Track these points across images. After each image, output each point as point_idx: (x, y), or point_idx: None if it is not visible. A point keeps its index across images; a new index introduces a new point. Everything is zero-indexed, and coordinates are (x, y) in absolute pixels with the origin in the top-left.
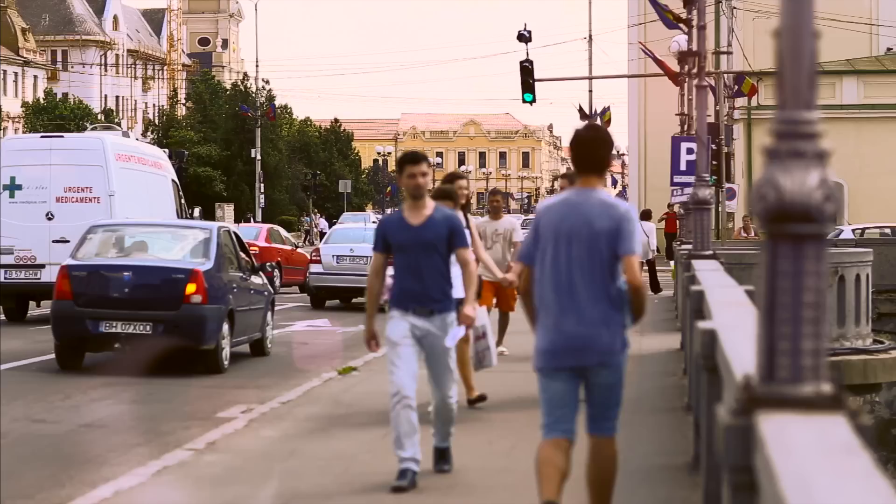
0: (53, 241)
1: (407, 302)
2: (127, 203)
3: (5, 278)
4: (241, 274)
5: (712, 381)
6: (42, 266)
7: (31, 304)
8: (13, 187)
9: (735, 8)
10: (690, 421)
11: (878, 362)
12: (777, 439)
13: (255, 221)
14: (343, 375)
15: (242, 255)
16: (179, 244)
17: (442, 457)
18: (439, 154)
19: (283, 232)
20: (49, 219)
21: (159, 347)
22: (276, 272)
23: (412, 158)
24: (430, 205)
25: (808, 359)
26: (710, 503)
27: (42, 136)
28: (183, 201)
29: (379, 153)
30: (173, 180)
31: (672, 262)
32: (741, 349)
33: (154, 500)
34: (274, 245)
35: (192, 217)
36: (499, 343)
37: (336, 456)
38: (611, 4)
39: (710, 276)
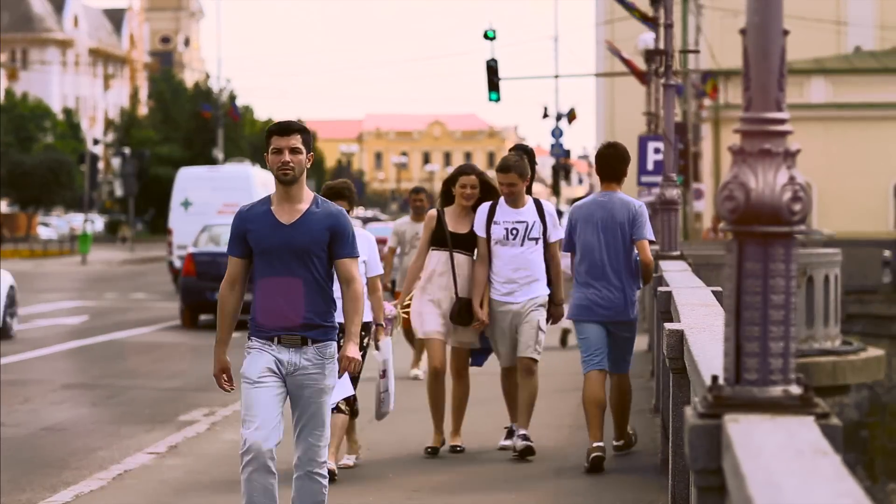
0: None
1: (271, 328)
2: None
3: (180, 266)
4: None
5: (680, 382)
6: None
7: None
8: (186, 204)
9: (702, 6)
10: (658, 423)
11: (846, 364)
12: (745, 441)
13: None
14: None
15: None
16: None
17: None
18: (404, 154)
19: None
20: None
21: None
22: None
23: (279, 128)
24: (307, 196)
25: (776, 360)
26: None
27: (208, 169)
28: None
29: (343, 153)
30: None
31: None
32: (709, 350)
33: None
34: None
35: None
36: (416, 362)
37: None
38: (579, 3)
39: (678, 277)
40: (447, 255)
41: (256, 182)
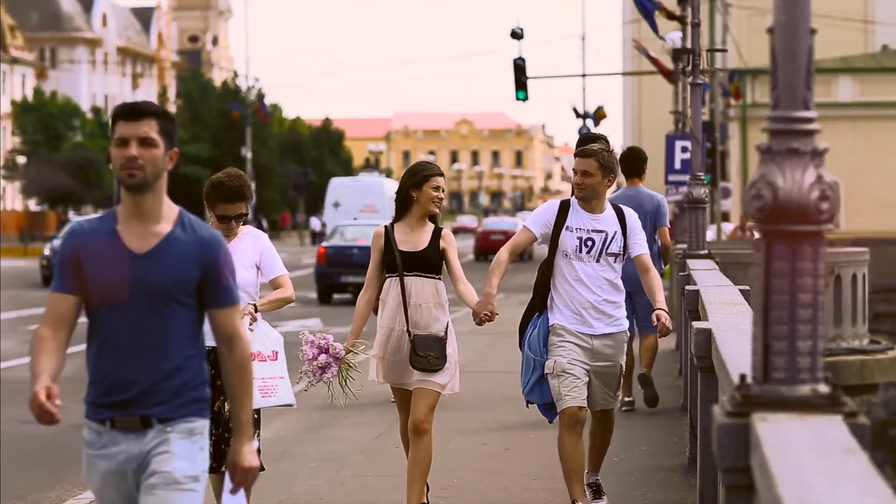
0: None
1: (106, 407)
2: (389, 213)
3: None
4: None
5: (708, 381)
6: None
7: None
8: (337, 205)
9: (729, 5)
10: (686, 422)
11: (874, 363)
12: (773, 440)
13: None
14: None
15: None
16: None
17: None
18: (432, 152)
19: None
20: (354, 219)
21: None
22: None
23: (126, 111)
24: (168, 213)
25: (804, 359)
26: None
27: (351, 180)
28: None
29: (371, 151)
30: None
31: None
32: (737, 349)
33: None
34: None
35: None
36: None
37: (328, 457)
38: (606, 2)
39: (706, 276)
40: (397, 281)
41: (387, 189)
